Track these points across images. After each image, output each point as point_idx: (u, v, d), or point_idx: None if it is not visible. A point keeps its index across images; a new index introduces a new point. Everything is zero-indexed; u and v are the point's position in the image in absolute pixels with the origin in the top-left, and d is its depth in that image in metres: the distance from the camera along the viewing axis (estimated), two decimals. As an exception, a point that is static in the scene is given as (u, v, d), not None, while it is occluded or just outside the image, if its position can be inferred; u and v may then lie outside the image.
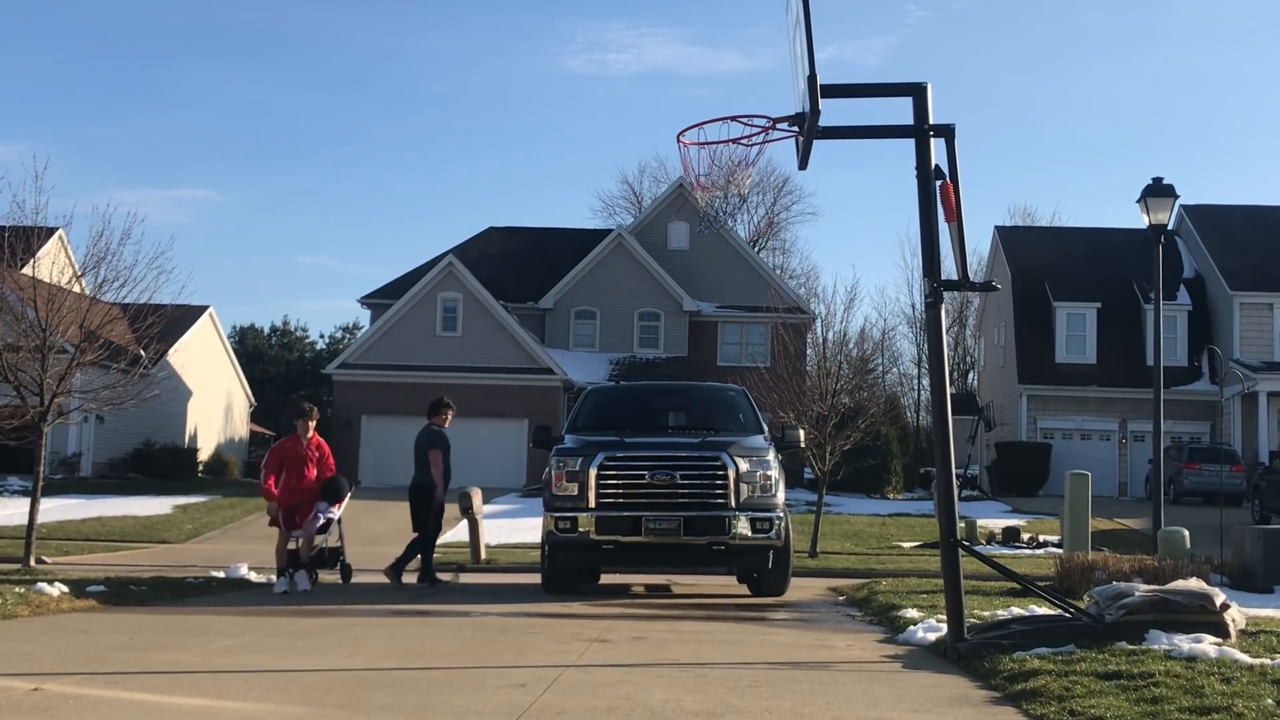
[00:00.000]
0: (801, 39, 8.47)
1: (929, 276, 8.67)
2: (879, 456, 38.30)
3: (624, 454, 12.41)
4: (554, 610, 11.24)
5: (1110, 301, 44.47)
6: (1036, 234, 54.60)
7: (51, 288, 18.19)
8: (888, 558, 21.86)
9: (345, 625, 9.79)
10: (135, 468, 41.94)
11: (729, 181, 9.18)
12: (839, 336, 25.81)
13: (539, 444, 13.88)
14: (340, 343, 69.86)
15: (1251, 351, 41.73)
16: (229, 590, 13.59)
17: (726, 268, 46.53)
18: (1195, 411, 42.90)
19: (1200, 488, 35.12)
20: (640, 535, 12.17)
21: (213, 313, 50.33)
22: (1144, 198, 19.80)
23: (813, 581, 16.38)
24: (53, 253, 20.48)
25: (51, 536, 22.73)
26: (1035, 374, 44.29)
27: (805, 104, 8.48)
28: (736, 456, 12.32)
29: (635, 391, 17.64)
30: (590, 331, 45.86)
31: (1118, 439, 43.79)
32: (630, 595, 13.66)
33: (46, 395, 17.27)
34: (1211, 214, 46.29)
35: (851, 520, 30.13)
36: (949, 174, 8.59)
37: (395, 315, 42.41)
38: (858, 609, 12.29)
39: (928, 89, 8.69)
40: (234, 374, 54.53)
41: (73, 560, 18.93)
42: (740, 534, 12.21)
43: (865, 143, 12.04)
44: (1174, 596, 8.42)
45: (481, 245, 48.87)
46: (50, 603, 10.72)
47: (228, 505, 31.40)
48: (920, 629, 9.43)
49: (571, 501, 12.34)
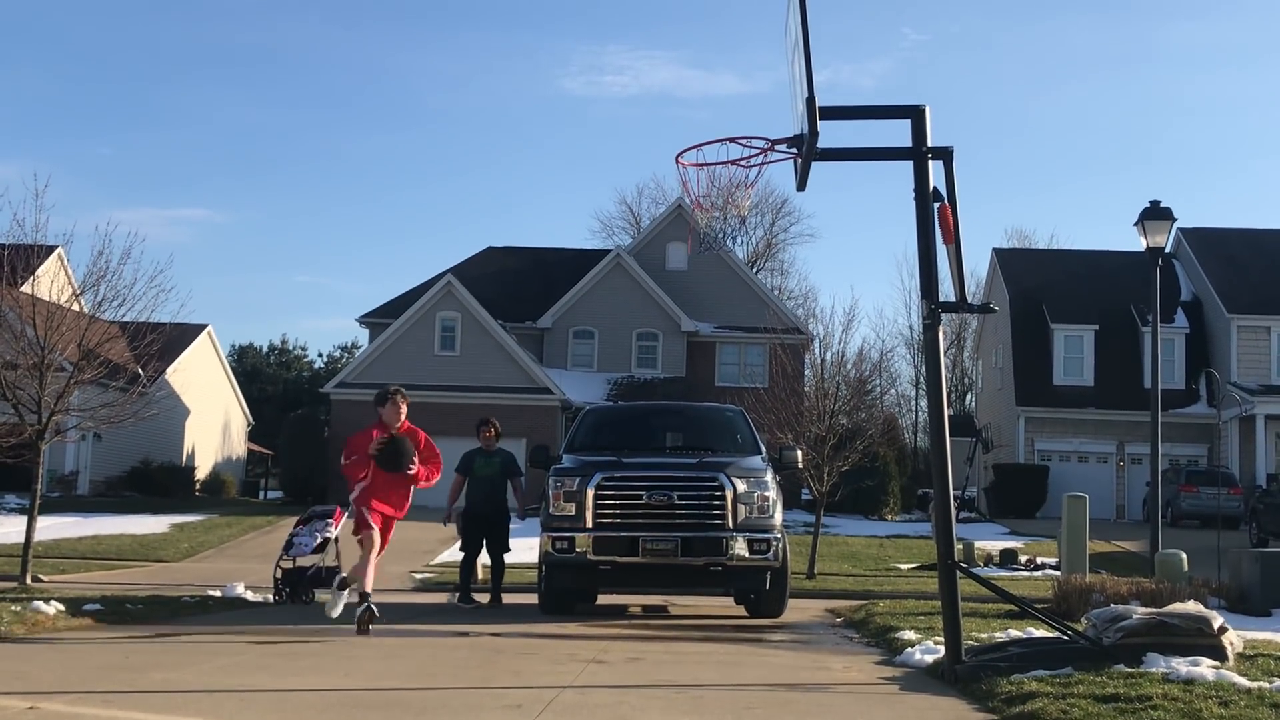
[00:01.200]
0: (800, 62, 8.51)
1: (927, 298, 8.69)
2: (877, 478, 38.29)
3: (621, 474, 12.40)
4: (551, 631, 11.22)
5: (1108, 324, 44.54)
6: (1034, 256, 54.80)
7: (50, 306, 18.19)
8: (885, 579, 21.82)
9: (342, 645, 9.77)
10: (132, 486, 41.88)
11: (728, 202, 9.20)
12: (837, 357, 25.81)
13: (536, 464, 13.86)
14: (339, 362, 69.90)
15: (1249, 374, 41.77)
16: (226, 609, 13.55)
17: (725, 288, 46.59)
18: (1193, 434, 42.92)
19: (1197, 510, 35.12)
20: (638, 556, 12.14)
21: (211, 331, 50.37)
22: (1141, 220, 19.84)
23: (810, 603, 16.36)
24: (52, 271, 20.48)
25: (48, 554, 22.67)
26: (1033, 396, 44.32)
27: (804, 126, 8.50)
28: (734, 477, 12.31)
29: (633, 411, 17.63)
30: (588, 351, 45.88)
31: (1115, 461, 43.80)
32: (627, 616, 13.63)
33: (44, 413, 17.25)
34: (1209, 237, 46.40)
35: (849, 541, 30.10)
36: (947, 196, 8.61)
37: (394, 334, 42.42)
38: (855, 630, 12.26)
39: (926, 111, 8.71)
40: (232, 393, 54.53)
41: (69, 578, 18.88)
42: (738, 555, 12.18)
43: (863, 165, 12.08)
44: (1171, 619, 8.41)
45: (480, 265, 48.94)
46: (46, 621, 10.70)
47: (225, 524, 31.34)
48: (918, 651, 9.41)
49: (569, 521, 12.32)
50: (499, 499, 14.79)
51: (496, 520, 14.73)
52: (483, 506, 14.72)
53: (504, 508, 14.84)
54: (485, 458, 14.89)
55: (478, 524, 14.73)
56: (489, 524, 14.70)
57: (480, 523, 14.71)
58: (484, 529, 14.72)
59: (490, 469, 14.81)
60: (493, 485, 14.77)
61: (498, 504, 14.76)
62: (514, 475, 14.93)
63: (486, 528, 14.71)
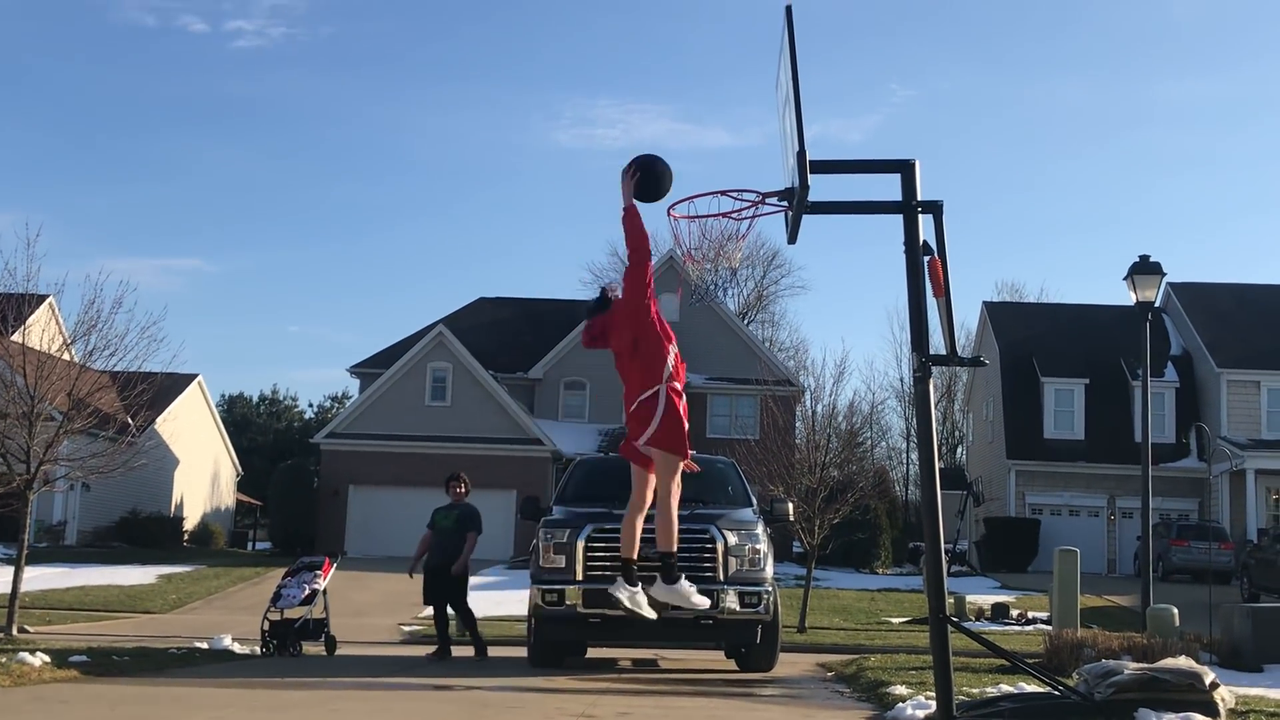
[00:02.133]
0: (791, 116, 8.56)
1: (917, 351, 8.70)
2: (868, 530, 38.19)
3: (612, 526, 12.33)
4: (539, 685, 11.14)
5: (1098, 378, 44.66)
6: (1024, 310, 55.01)
7: (41, 355, 18.18)
8: (877, 633, 21.73)
9: (328, 698, 9.69)
10: (120, 536, 41.65)
11: (719, 254, 9.22)
12: (828, 409, 25.92)
13: (527, 515, 13.78)
14: (329, 412, 69.79)
15: (1239, 429, 41.85)
16: (212, 661, 13.44)
17: (716, 340, 46.68)
18: (1183, 488, 42.92)
19: (1189, 565, 35.04)
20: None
21: (201, 381, 50.30)
22: (1131, 275, 19.95)
23: (801, 657, 16.27)
24: (43, 320, 20.53)
25: (35, 605, 22.52)
26: (1023, 449, 44.35)
27: (795, 179, 8.54)
28: (725, 529, 12.27)
29: (624, 463, 17.57)
30: (580, 402, 45.86)
31: (1106, 515, 43.78)
32: (617, 669, 13.55)
33: (33, 463, 17.21)
34: (1198, 291, 46.64)
35: (840, 595, 29.99)
36: (937, 250, 8.64)
37: (384, 384, 42.40)
38: (846, 685, 12.19)
39: (916, 166, 8.76)
40: (221, 443, 54.39)
41: (55, 630, 18.75)
42: (728, 608, 12.12)
43: (855, 219, 12.15)
44: (1163, 675, 8.38)
45: (472, 315, 49.01)
46: (32, 672, 10.60)
47: (213, 575, 31.16)
48: (909, 706, 9.35)
49: (559, 574, 12.25)
50: (455, 553, 14.47)
51: (450, 574, 14.48)
52: (437, 560, 14.48)
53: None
54: (446, 511, 14.70)
55: (434, 577, 14.51)
56: (444, 578, 14.46)
57: (436, 576, 14.48)
58: (440, 583, 14.49)
59: (448, 522, 14.59)
60: (448, 538, 14.52)
61: (453, 558, 14.46)
62: (468, 529, 14.60)
63: (442, 582, 14.48)
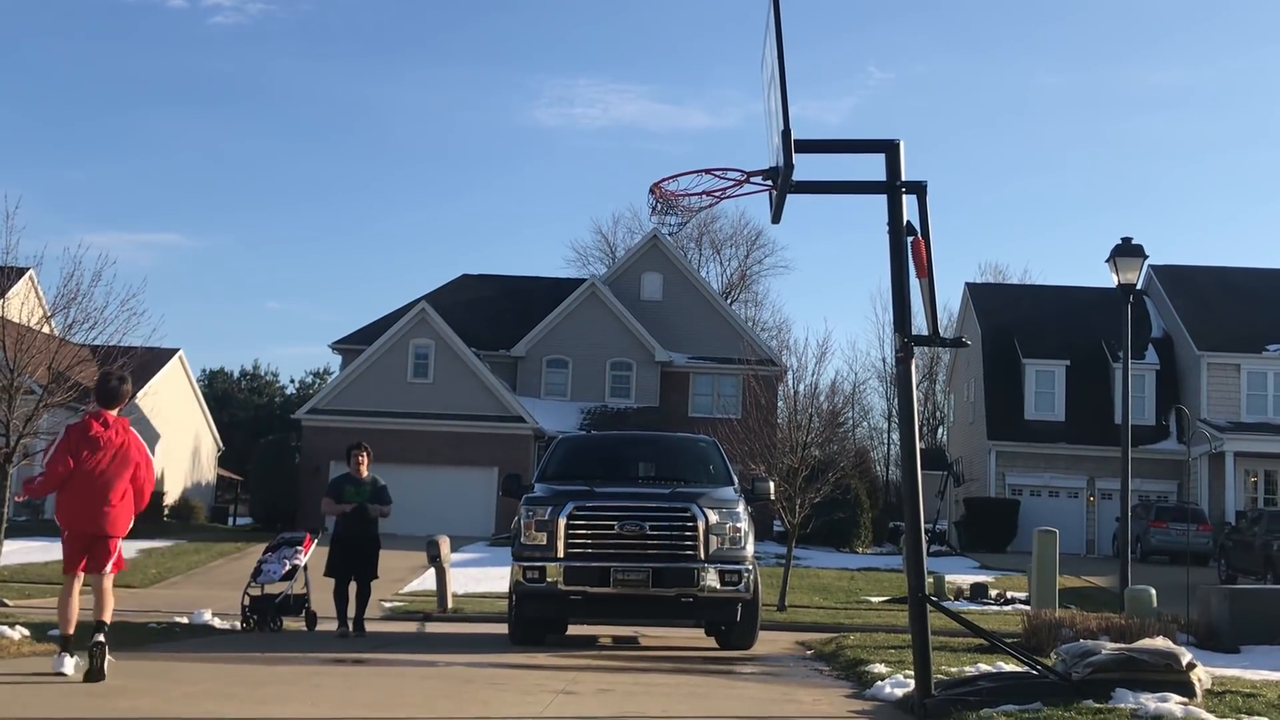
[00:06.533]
0: (776, 96, 8.55)
1: (900, 331, 8.72)
2: (848, 510, 38.28)
3: (593, 504, 12.37)
4: (520, 661, 11.16)
5: (1079, 359, 44.80)
6: (1006, 291, 55.12)
7: (21, 328, 18.09)
8: (856, 612, 21.81)
9: (309, 674, 9.69)
10: (100, 510, 41.45)
11: (695, 212, 9.34)
12: (810, 389, 25.86)
13: (508, 493, 13.78)
14: (311, 388, 69.58)
15: (1219, 411, 42.05)
16: (192, 636, 13.43)
17: (699, 319, 46.67)
18: (1163, 470, 43.13)
19: (1167, 546, 35.22)
20: (609, 586, 12.11)
21: (182, 356, 50.07)
22: (1113, 257, 19.98)
23: (781, 635, 16.33)
24: (23, 293, 20.39)
25: (14, 579, 22.43)
26: (1004, 430, 44.49)
27: (779, 159, 8.54)
28: (706, 508, 12.30)
29: (606, 441, 17.63)
30: (562, 380, 45.81)
31: (1085, 496, 43.98)
32: (598, 646, 13.58)
33: (13, 436, 17.13)
34: (1179, 274, 46.77)
35: (820, 574, 30.08)
36: (920, 230, 8.65)
37: (366, 361, 42.28)
38: (826, 663, 12.24)
39: (900, 146, 8.77)
40: (202, 418, 54.19)
41: (35, 603, 18.69)
42: (709, 586, 12.16)
43: (838, 199, 12.13)
44: (1140, 655, 8.43)
45: (454, 292, 48.85)
46: (11, 646, 10.59)
47: (193, 550, 31.10)
48: (888, 684, 9.41)
49: (540, 551, 12.27)
50: (368, 527, 14.30)
51: (365, 548, 14.29)
52: (354, 534, 14.22)
53: (374, 535, 14.37)
54: (356, 484, 14.40)
55: (345, 550, 14.22)
56: (357, 551, 14.21)
57: (350, 551, 14.19)
58: (351, 556, 14.21)
59: (361, 497, 14.30)
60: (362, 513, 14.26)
61: (367, 532, 14.28)
62: (381, 503, 14.38)
63: (354, 555, 14.21)
